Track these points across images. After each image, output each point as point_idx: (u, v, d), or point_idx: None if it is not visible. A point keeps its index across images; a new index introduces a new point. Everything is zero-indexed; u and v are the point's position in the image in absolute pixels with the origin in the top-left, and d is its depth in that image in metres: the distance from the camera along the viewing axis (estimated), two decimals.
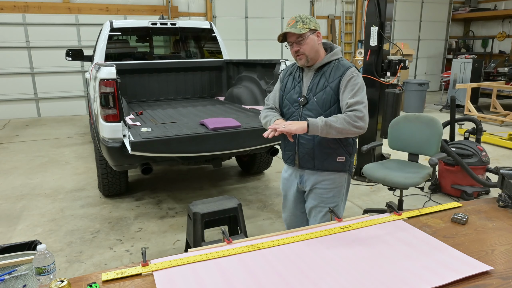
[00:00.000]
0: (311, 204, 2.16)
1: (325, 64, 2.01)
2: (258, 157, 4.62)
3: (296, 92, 2.06)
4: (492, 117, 8.18)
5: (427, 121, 3.21)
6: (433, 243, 1.48)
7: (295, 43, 1.96)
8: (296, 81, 2.08)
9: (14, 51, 8.65)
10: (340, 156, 2.05)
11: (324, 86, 1.97)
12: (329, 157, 2.04)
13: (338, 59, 2.02)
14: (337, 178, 2.10)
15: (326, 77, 1.98)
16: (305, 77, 2.06)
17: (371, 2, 4.29)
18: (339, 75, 1.95)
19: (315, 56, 1.99)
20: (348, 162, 2.10)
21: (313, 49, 1.97)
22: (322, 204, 2.12)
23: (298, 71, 2.10)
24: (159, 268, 1.33)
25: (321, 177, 2.09)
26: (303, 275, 1.28)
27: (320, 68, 2.02)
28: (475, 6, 13.42)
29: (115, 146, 3.06)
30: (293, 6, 10.92)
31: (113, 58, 5.02)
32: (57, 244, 3.19)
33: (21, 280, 1.41)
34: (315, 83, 2.00)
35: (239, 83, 4.96)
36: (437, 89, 13.53)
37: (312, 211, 2.17)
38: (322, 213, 2.13)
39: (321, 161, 2.04)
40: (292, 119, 2.06)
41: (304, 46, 1.94)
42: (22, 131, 7.59)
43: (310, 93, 2.00)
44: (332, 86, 1.96)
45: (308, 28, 1.93)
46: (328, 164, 2.05)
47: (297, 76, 2.09)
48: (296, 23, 1.93)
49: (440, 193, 4.24)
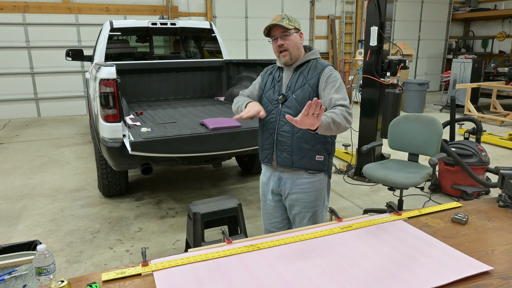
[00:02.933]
0: (294, 211, 2.14)
1: (303, 63, 2.04)
2: (258, 157, 4.61)
3: (275, 91, 2.07)
4: (492, 117, 8.18)
5: (427, 121, 3.21)
6: (433, 243, 1.48)
7: (279, 38, 1.97)
8: (275, 80, 2.10)
9: (14, 51, 8.65)
10: (319, 154, 2.03)
11: (303, 84, 1.99)
12: (308, 154, 2.01)
13: (316, 58, 2.06)
14: (316, 181, 2.08)
15: (305, 75, 2.00)
16: (284, 76, 2.08)
17: (371, 2, 4.29)
18: (317, 72, 1.98)
19: (297, 54, 2.02)
20: (326, 162, 2.08)
21: (296, 46, 2.00)
22: (305, 209, 2.10)
23: (278, 71, 2.12)
24: (159, 268, 1.33)
25: (300, 179, 2.07)
26: (303, 275, 1.28)
27: (298, 67, 2.04)
28: (475, 6, 13.43)
29: (115, 146, 3.06)
30: (293, 6, 10.92)
31: (113, 58, 5.02)
32: (57, 244, 3.19)
33: (21, 280, 1.41)
34: (293, 81, 2.02)
35: (239, 83, 4.96)
36: (437, 89, 13.53)
37: (296, 218, 2.15)
38: (306, 219, 2.11)
39: (299, 158, 2.02)
40: (271, 117, 2.07)
41: (288, 42, 1.97)
42: (22, 131, 7.59)
43: (289, 90, 2.02)
44: (310, 83, 1.97)
45: (293, 26, 1.97)
46: (306, 162, 2.03)
47: (277, 76, 2.10)
48: (282, 19, 1.96)
49: (440, 193, 4.23)
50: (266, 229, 2.33)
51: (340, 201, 4.07)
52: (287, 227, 2.26)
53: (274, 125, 2.06)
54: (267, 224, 2.31)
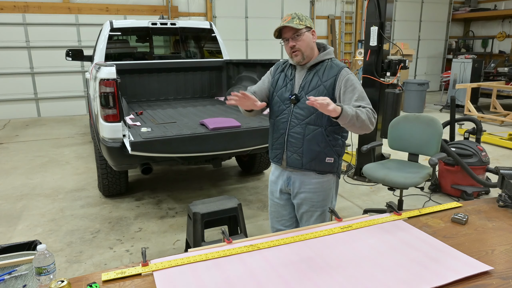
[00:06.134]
0: (302, 210, 2.14)
1: (318, 62, 2.00)
2: (258, 157, 4.62)
3: (287, 90, 2.03)
4: (492, 117, 8.18)
5: (427, 121, 3.21)
6: (433, 243, 1.48)
7: (291, 39, 1.94)
8: (288, 78, 2.06)
9: (14, 51, 8.65)
10: (329, 156, 2.02)
11: (318, 85, 1.96)
12: (318, 156, 2.00)
13: (331, 58, 2.02)
14: (325, 182, 2.07)
15: (320, 75, 1.97)
16: (297, 75, 2.04)
17: (371, 2, 4.29)
18: (333, 74, 1.94)
19: (310, 54, 1.98)
20: (336, 164, 2.07)
21: (308, 46, 1.96)
22: (313, 208, 2.10)
23: (290, 69, 2.08)
24: (159, 268, 1.33)
25: (308, 179, 2.06)
26: (303, 275, 1.28)
27: (313, 67, 2.00)
28: (475, 6, 13.42)
29: (115, 146, 3.06)
30: (293, 6, 10.91)
31: (113, 58, 5.02)
32: (57, 244, 3.19)
33: (21, 280, 1.41)
34: (307, 81, 1.99)
35: (239, 83, 4.96)
36: (437, 89, 13.53)
37: (304, 216, 2.16)
38: (314, 217, 2.12)
39: (309, 160, 2.01)
40: (283, 117, 2.04)
41: (300, 42, 1.93)
42: (22, 131, 7.59)
43: (302, 91, 1.98)
44: (326, 85, 1.94)
45: (304, 25, 1.93)
46: (316, 164, 2.02)
47: (289, 74, 2.06)
48: (292, 19, 1.92)
49: (440, 193, 4.23)
50: (273, 226, 2.33)
51: (340, 201, 4.07)
52: (294, 226, 2.26)
53: (285, 125, 2.03)
54: (275, 222, 2.31)
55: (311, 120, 1.96)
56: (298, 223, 2.25)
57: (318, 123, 1.96)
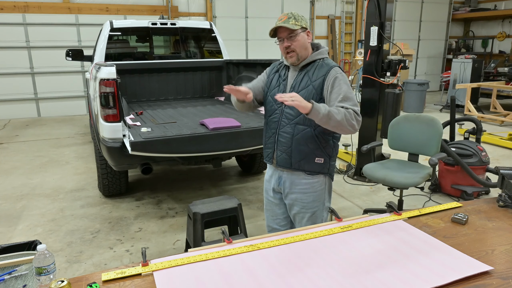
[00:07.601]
0: (294, 211, 2.15)
1: (309, 62, 2.00)
2: (258, 157, 4.62)
3: (280, 90, 2.05)
4: (492, 117, 8.18)
5: (427, 121, 3.21)
6: (433, 243, 1.48)
7: (286, 39, 1.94)
8: (281, 78, 2.08)
9: (14, 51, 8.65)
10: (318, 157, 2.02)
11: (307, 85, 1.96)
12: (307, 156, 2.00)
13: (323, 58, 2.01)
14: (316, 183, 2.07)
15: (309, 76, 1.97)
16: (290, 75, 2.06)
17: (371, 2, 4.29)
18: (322, 74, 1.94)
19: (304, 54, 1.99)
20: (327, 165, 2.06)
21: (303, 46, 1.96)
22: (304, 209, 2.10)
23: (285, 69, 2.09)
24: (159, 268, 1.33)
25: (298, 180, 2.06)
26: (303, 275, 1.28)
27: (304, 67, 2.01)
28: (475, 6, 13.42)
29: (115, 146, 3.06)
30: (293, 6, 10.91)
31: (113, 58, 5.02)
32: (57, 244, 3.19)
33: (21, 280, 1.41)
34: (298, 81, 2.00)
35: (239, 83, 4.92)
36: (437, 89, 13.53)
37: (296, 217, 2.16)
38: (305, 219, 2.12)
39: (298, 160, 2.01)
40: (274, 116, 2.06)
41: (295, 43, 1.93)
42: (22, 131, 7.59)
43: (293, 91, 1.98)
44: (315, 85, 1.94)
45: (300, 26, 1.93)
46: (305, 164, 2.02)
47: (283, 74, 2.08)
48: (288, 19, 1.91)
49: (440, 193, 4.23)
50: (268, 225, 2.33)
51: (340, 201, 4.07)
52: (289, 226, 2.26)
53: (276, 125, 2.06)
54: (270, 221, 2.32)
55: (300, 120, 1.97)
56: (293, 224, 2.25)
57: (307, 123, 1.95)
